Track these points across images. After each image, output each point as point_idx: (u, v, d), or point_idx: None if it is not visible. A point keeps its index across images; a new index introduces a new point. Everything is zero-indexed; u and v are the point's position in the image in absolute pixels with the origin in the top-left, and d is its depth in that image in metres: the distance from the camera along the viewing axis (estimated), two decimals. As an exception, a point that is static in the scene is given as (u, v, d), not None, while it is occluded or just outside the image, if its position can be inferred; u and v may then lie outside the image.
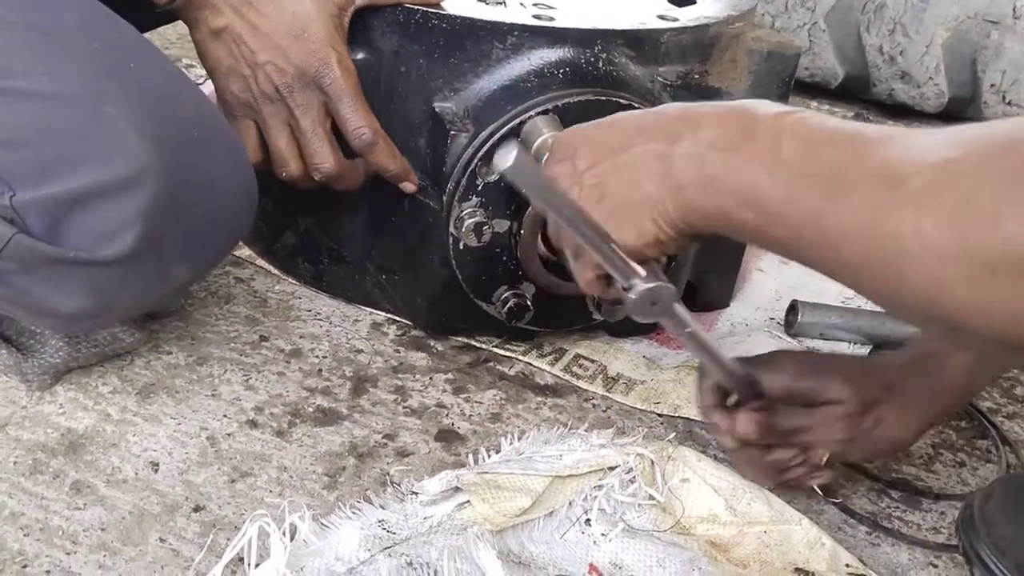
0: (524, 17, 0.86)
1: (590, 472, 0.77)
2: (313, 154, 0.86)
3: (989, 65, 1.62)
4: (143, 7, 0.80)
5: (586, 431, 0.84)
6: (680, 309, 0.66)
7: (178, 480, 0.77)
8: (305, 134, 0.85)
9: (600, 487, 0.77)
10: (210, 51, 0.83)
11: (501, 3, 0.89)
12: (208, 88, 0.89)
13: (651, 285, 0.64)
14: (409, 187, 0.88)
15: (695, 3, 0.99)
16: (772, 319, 1.06)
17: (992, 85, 1.65)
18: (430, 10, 0.85)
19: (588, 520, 0.75)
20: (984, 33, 1.60)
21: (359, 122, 0.84)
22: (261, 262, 1.04)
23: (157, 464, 0.78)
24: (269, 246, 1.03)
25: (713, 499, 0.76)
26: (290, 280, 1.02)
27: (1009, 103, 1.67)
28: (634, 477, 0.77)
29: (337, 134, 0.86)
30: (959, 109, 1.71)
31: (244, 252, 1.05)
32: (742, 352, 0.98)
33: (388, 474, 0.80)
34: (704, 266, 1.02)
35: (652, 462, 0.79)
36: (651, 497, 0.77)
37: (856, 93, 1.75)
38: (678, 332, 0.68)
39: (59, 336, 0.83)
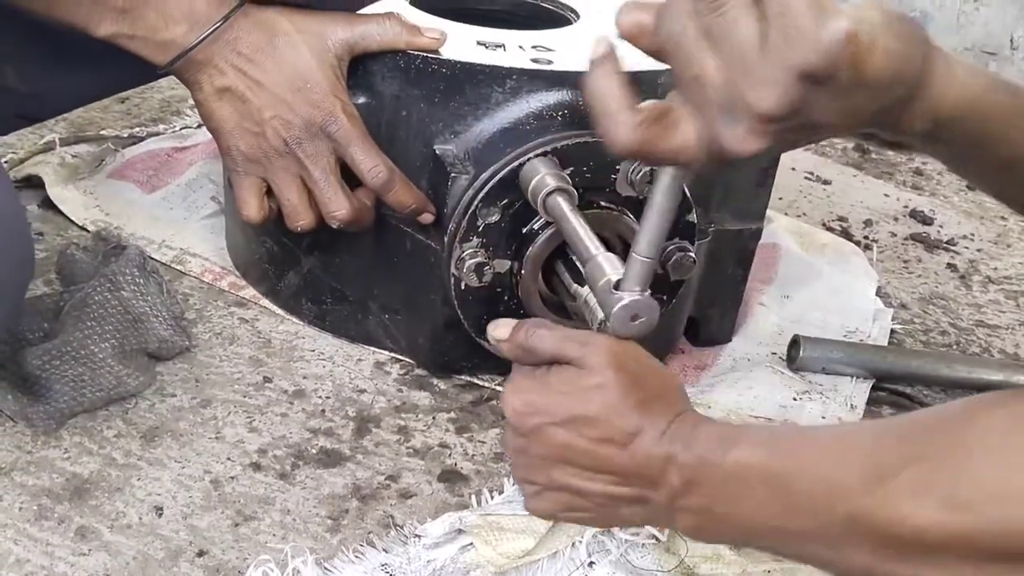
0: (523, 61, 0.87)
1: (593, 512, 0.77)
2: (328, 202, 0.87)
3: (987, 96, 1.63)
4: (142, 62, 0.82)
5: (589, 470, 0.84)
6: None
7: (182, 525, 0.77)
8: (318, 184, 0.86)
9: (603, 528, 0.77)
10: (215, 111, 0.84)
11: (500, 47, 0.91)
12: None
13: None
14: (428, 218, 0.88)
15: (692, 42, 1.00)
16: (774, 354, 1.06)
17: (991, 115, 1.66)
18: (430, 55, 0.86)
19: (592, 563, 0.75)
20: (982, 64, 1.62)
21: (372, 162, 0.85)
22: (265, 302, 1.05)
23: (161, 508, 0.78)
24: (273, 286, 1.04)
25: (716, 539, 0.76)
26: (294, 320, 1.03)
27: (1008, 133, 1.68)
28: (637, 517, 0.77)
29: (347, 180, 0.87)
30: (959, 139, 1.72)
31: (248, 292, 1.06)
32: (744, 388, 0.99)
33: (391, 516, 0.80)
34: (706, 301, 1.03)
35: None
36: (654, 537, 0.77)
37: (856, 124, 1.76)
38: None
39: (64, 381, 0.84)
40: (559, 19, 1.08)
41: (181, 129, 1.36)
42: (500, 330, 0.70)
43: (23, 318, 0.86)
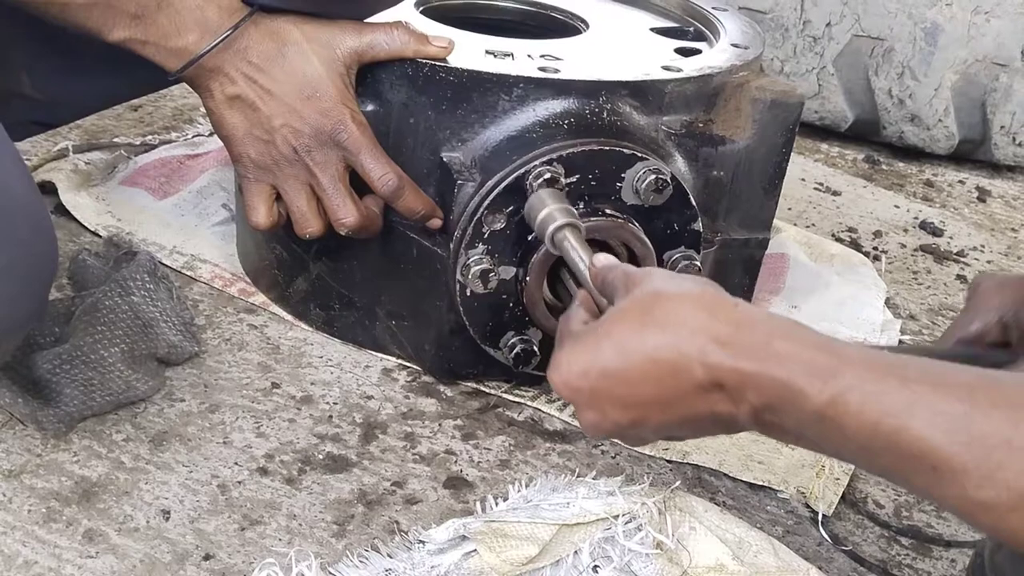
0: (530, 69, 0.87)
1: (597, 520, 0.77)
2: (336, 209, 0.87)
3: (998, 107, 1.63)
4: (154, 69, 0.83)
5: (594, 478, 0.84)
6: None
7: (189, 528, 0.77)
8: (326, 191, 0.87)
9: (607, 535, 0.77)
10: (225, 118, 0.85)
11: (509, 56, 0.91)
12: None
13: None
14: (436, 223, 0.89)
15: (700, 53, 1.01)
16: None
17: (1002, 127, 1.65)
18: (437, 64, 0.86)
19: (596, 567, 0.75)
20: (993, 76, 1.61)
21: (382, 170, 0.86)
22: (275, 308, 1.05)
23: (168, 512, 0.79)
24: (282, 292, 1.05)
25: (720, 548, 0.76)
26: (303, 326, 1.04)
27: (1020, 144, 1.67)
28: (641, 525, 0.77)
29: (355, 187, 0.88)
30: (969, 151, 1.71)
31: (258, 299, 1.07)
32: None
33: (396, 522, 0.80)
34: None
35: (659, 511, 0.79)
36: (658, 546, 0.77)
37: (866, 135, 1.76)
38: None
39: (74, 385, 0.85)
40: (569, 29, 1.09)
41: (193, 137, 1.37)
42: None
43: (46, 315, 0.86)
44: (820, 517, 0.85)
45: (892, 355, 0.55)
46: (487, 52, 0.91)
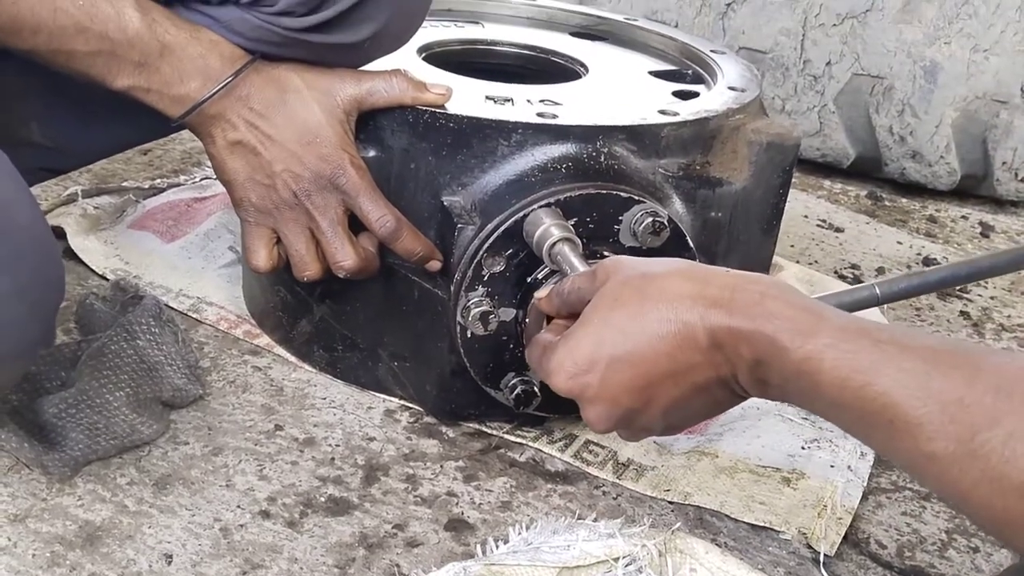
0: (528, 115, 0.89)
1: (597, 563, 0.77)
2: (335, 252, 0.89)
3: (1000, 143, 1.64)
4: (159, 117, 0.84)
5: (595, 520, 0.84)
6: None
7: (191, 573, 0.78)
8: (325, 234, 0.88)
9: (607, 578, 0.77)
10: (227, 163, 0.87)
11: (509, 101, 0.93)
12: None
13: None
14: (436, 265, 0.90)
15: (698, 96, 1.02)
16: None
17: (1004, 163, 1.66)
18: (438, 110, 0.88)
19: (595, 611, 0.75)
20: (993, 113, 1.62)
21: (380, 212, 0.87)
22: (279, 350, 1.06)
23: (171, 556, 0.79)
24: (286, 334, 1.06)
25: (720, 590, 0.76)
26: (306, 367, 1.04)
27: (1022, 180, 1.68)
28: (641, 568, 0.77)
29: (352, 229, 0.90)
30: (972, 187, 1.72)
31: (263, 341, 1.08)
32: (752, 436, 0.99)
33: (397, 565, 0.80)
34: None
35: (660, 553, 0.78)
36: (658, 587, 0.76)
37: (868, 172, 1.77)
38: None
39: (79, 429, 0.86)
40: (569, 73, 1.11)
41: (201, 180, 1.39)
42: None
43: (52, 348, 0.86)
44: (822, 558, 0.84)
45: (868, 320, 0.59)
46: (487, 97, 0.93)
